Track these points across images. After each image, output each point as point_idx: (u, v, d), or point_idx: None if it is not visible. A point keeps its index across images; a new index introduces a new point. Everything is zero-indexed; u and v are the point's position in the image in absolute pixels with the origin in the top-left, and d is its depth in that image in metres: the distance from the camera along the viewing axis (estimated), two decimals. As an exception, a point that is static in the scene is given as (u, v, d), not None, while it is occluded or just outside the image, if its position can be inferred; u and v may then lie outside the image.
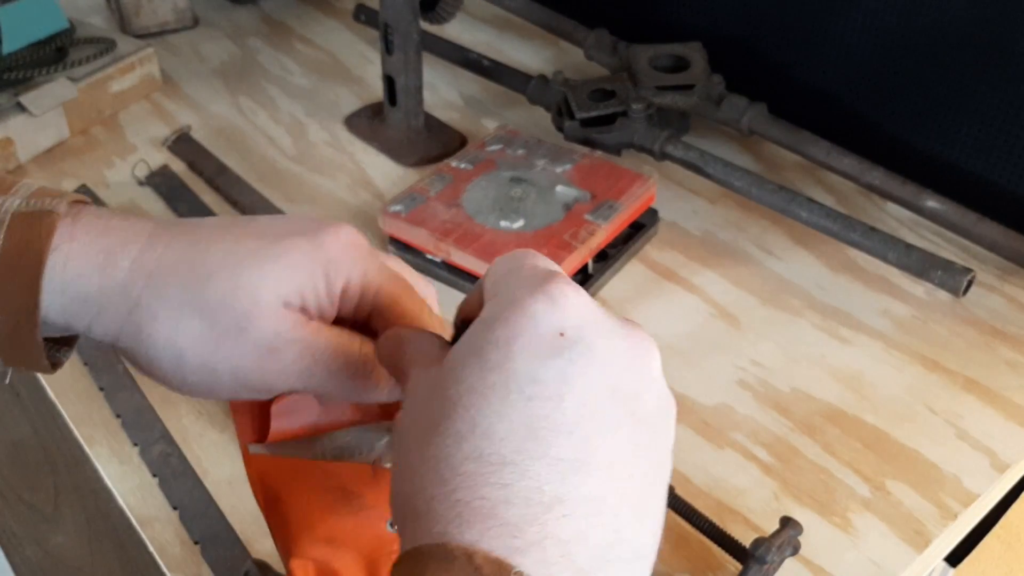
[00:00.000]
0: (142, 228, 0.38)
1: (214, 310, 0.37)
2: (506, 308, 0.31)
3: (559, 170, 0.78)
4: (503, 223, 0.73)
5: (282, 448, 0.41)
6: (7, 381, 0.40)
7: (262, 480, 0.41)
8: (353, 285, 0.39)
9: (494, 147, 0.82)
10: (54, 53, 0.93)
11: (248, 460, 0.41)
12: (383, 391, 0.40)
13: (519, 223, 0.73)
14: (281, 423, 0.41)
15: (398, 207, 0.75)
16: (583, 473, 0.29)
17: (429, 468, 0.30)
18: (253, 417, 0.42)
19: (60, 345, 0.41)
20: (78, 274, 0.37)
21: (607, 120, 0.83)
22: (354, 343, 0.39)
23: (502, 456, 0.29)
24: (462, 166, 0.79)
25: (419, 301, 0.41)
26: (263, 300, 0.37)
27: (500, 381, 0.30)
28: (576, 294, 0.32)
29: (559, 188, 0.76)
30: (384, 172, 0.88)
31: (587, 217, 0.73)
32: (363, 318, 0.40)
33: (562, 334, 0.31)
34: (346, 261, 0.39)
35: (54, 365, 0.40)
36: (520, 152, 0.81)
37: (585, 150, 0.81)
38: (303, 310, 0.38)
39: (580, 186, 0.76)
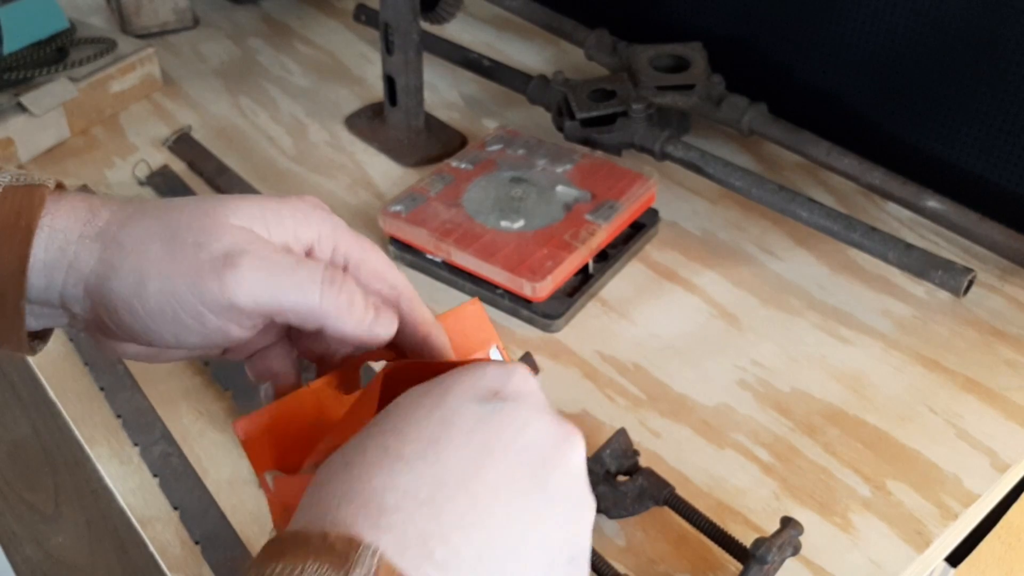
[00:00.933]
0: (124, 199, 0.40)
1: (176, 232, 0.37)
2: (469, 365, 0.36)
3: (559, 170, 0.78)
4: (503, 223, 0.73)
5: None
6: None
7: (287, 509, 0.40)
8: (324, 240, 0.40)
9: (494, 147, 0.82)
10: (55, 53, 0.93)
11: (269, 489, 0.40)
12: (358, 317, 0.38)
13: (519, 223, 0.73)
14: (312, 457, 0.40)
15: (398, 207, 0.75)
16: (466, 493, 0.32)
17: (346, 453, 0.33)
18: (266, 444, 0.41)
19: (34, 339, 0.41)
20: (61, 228, 0.38)
21: (607, 120, 0.83)
22: (317, 262, 0.38)
23: (400, 453, 0.32)
24: (462, 166, 0.79)
25: (388, 260, 0.42)
26: (221, 219, 0.38)
27: (430, 404, 0.34)
28: (528, 376, 0.36)
29: (559, 188, 0.76)
30: (384, 172, 0.88)
31: (587, 217, 0.73)
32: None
33: (498, 392, 0.35)
34: (315, 217, 0.40)
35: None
36: (520, 152, 0.81)
37: (585, 150, 0.81)
38: (265, 235, 0.38)
39: (580, 186, 0.76)
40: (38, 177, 0.38)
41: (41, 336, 0.42)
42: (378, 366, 0.42)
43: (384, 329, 0.40)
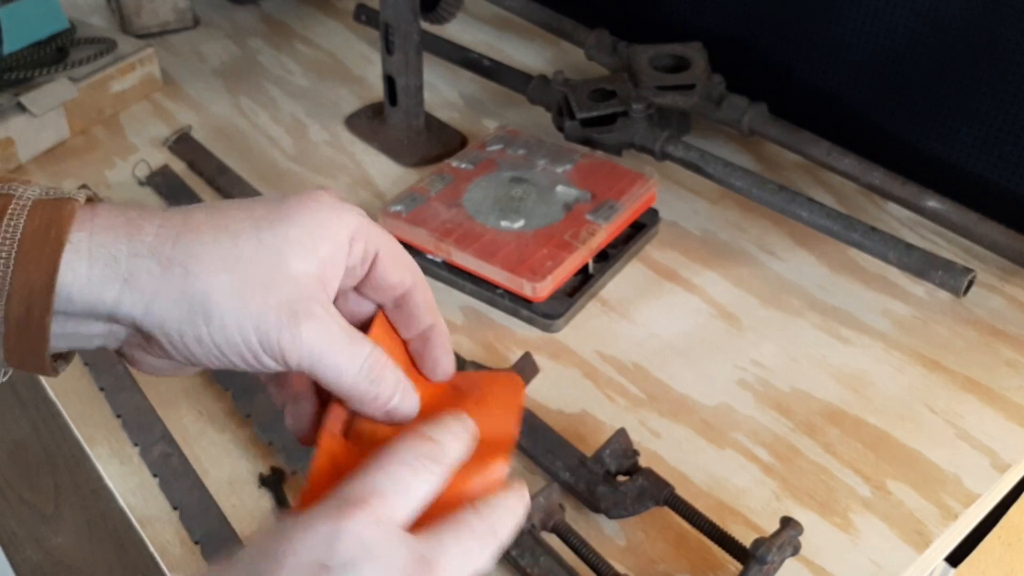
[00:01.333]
0: (158, 207, 0.40)
1: (243, 267, 0.38)
2: (296, 527, 0.35)
3: (560, 170, 0.78)
4: (504, 223, 0.73)
5: None
6: (4, 379, 0.40)
7: None
8: (357, 237, 0.41)
9: (495, 147, 0.82)
10: (55, 53, 0.93)
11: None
12: (381, 404, 0.41)
13: (519, 223, 0.73)
14: None
15: (398, 207, 0.75)
16: None
17: None
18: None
19: (57, 359, 0.41)
20: (104, 242, 0.37)
21: (607, 120, 0.83)
22: (365, 344, 0.40)
23: None
24: (462, 166, 0.79)
25: (402, 249, 0.43)
26: (285, 260, 0.39)
27: None
28: (363, 532, 0.35)
29: (559, 188, 0.76)
30: (384, 172, 0.88)
31: (588, 217, 0.73)
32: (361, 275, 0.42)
33: (326, 565, 0.33)
34: (347, 218, 0.41)
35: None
36: (521, 152, 0.81)
37: (585, 150, 0.81)
38: (321, 277, 0.40)
39: (580, 186, 0.76)
40: (68, 191, 0.38)
41: (64, 357, 0.42)
42: None
43: (402, 415, 0.42)
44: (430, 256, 0.75)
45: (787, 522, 0.53)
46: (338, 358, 0.39)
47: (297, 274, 0.39)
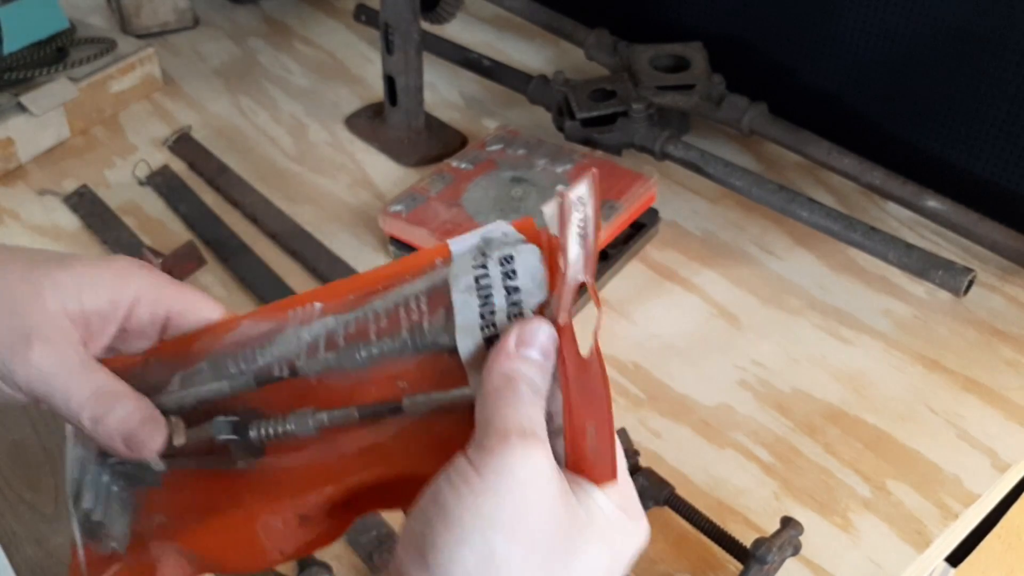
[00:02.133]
0: None
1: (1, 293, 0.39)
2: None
3: (559, 170, 0.78)
4: None
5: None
6: None
7: None
8: (144, 300, 0.40)
9: (494, 147, 0.82)
10: (55, 53, 0.93)
11: None
12: (116, 431, 0.39)
13: None
14: None
15: (399, 207, 0.75)
16: None
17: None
18: None
19: None
20: None
21: (608, 120, 0.83)
22: (100, 373, 0.40)
23: None
24: (462, 166, 0.79)
25: (210, 302, 0.42)
26: (38, 291, 0.39)
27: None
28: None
29: (559, 188, 0.76)
30: (384, 172, 0.88)
31: None
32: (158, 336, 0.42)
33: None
34: (135, 279, 0.41)
35: None
36: (520, 152, 0.81)
37: (585, 150, 0.81)
38: (83, 322, 0.39)
39: None
40: None
41: None
42: None
43: (133, 452, 0.39)
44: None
45: (787, 522, 0.53)
46: (68, 382, 0.39)
47: (50, 310, 0.39)
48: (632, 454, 0.59)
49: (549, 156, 0.80)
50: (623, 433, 0.59)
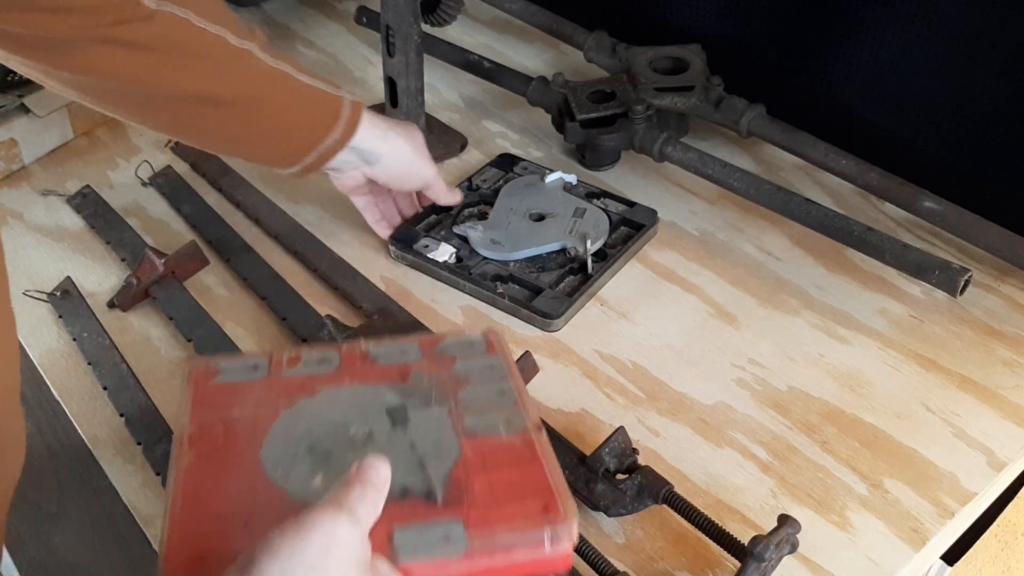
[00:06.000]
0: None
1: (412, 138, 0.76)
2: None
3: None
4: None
5: None
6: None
7: None
8: None
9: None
10: (58, 55, 0.93)
11: None
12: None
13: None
14: None
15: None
16: None
17: None
18: None
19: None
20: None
21: (607, 121, 0.84)
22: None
23: None
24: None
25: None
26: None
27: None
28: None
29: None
30: (385, 173, 0.88)
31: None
32: None
33: None
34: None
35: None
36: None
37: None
38: None
39: None
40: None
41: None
42: None
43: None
44: (431, 256, 0.75)
45: (784, 520, 0.53)
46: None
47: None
48: (631, 452, 0.59)
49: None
50: (622, 432, 0.59)
